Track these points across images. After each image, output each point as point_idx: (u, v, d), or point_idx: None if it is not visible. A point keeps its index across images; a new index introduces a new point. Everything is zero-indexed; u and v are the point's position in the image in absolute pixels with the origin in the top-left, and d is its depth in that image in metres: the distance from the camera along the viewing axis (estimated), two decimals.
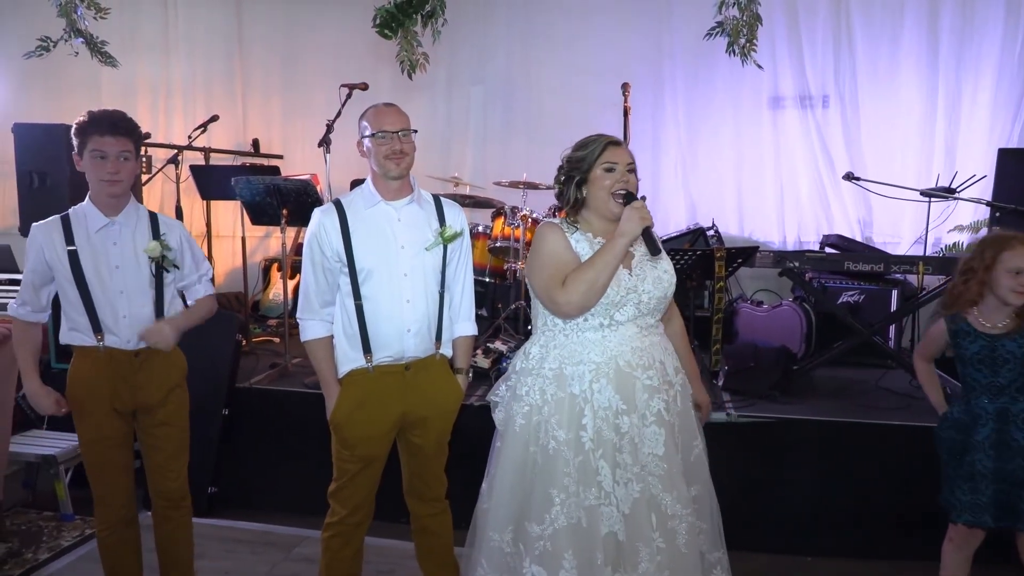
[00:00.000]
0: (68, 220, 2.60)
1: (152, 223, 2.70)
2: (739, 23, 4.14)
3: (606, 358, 2.27)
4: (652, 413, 2.27)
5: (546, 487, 2.25)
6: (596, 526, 2.21)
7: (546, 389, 2.30)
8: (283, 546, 3.58)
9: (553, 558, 2.22)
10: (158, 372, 2.69)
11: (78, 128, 2.57)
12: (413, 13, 3.85)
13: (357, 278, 2.45)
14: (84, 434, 2.67)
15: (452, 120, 6.57)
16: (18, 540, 3.59)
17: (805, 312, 4.62)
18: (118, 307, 2.60)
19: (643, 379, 2.28)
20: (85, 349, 2.62)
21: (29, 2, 6.22)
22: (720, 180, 6.09)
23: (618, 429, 2.24)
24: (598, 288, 2.23)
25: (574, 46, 6.22)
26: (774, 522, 3.52)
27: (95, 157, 2.56)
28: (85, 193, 2.67)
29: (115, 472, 2.67)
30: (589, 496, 2.22)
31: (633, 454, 2.24)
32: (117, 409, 2.64)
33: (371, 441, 2.51)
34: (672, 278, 2.38)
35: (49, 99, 6.88)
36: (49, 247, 2.56)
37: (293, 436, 3.92)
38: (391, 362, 2.49)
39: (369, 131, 2.45)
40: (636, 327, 2.31)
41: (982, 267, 2.59)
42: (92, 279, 2.57)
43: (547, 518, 2.23)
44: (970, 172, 4.75)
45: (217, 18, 6.89)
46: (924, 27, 5.61)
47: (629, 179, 2.32)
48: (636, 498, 2.22)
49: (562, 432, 2.25)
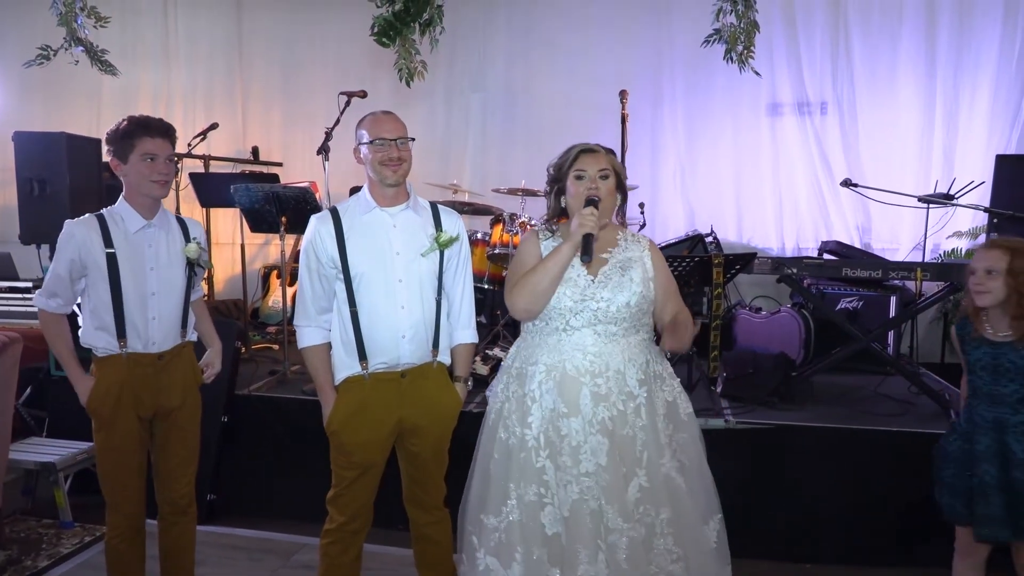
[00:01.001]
0: (104, 221, 2.61)
1: (180, 224, 2.76)
2: (736, 30, 4.16)
3: (556, 361, 2.36)
4: (597, 421, 2.30)
5: (503, 481, 2.35)
6: (535, 523, 2.29)
7: (509, 385, 2.43)
8: (282, 553, 3.58)
9: (507, 550, 2.31)
10: (179, 374, 2.73)
11: (124, 131, 2.58)
12: (411, 22, 3.88)
13: (352, 284, 2.46)
14: (104, 442, 2.65)
15: (451, 128, 6.59)
16: (17, 547, 3.59)
17: (804, 318, 4.62)
18: (149, 309, 2.62)
19: (590, 386, 2.32)
20: (107, 359, 2.62)
21: (30, 11, 6.25)
22: (719, 187, 6.11)
23: (559, 431, 2.31)
24: (540, 292, 2.33)
25: (573, 54, 6.25)
26: (774, 529, 3.52)
27: (145, 159, 2.58)
28: (87, 201, 2.69)
29: (131, 478, 2.68)
30: (529, 493, 2.31)
31: (573, 457, 2.29)
32: (139, 416, 2.66)
33: (367, 447, 2.51)
34: (639, 288, 2.38)
35: (49, 107, 6.90)
36: (87, 245, 2.57)
37: (292, 443, 3.92)
38: (386, 369, 2.49)
39: (366, 138, 2.47)
40: (594, 333, 2.36)
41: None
42: (127, 281, 2.59)
43: (503, 511, 2.34)
44: (968, 178, 4.76)
45: (217, 27, 6.93)
46: (922, 34, 5.63)
47: (599, 186, 2.37)
48: (575, 499, 2.27)
49: (517, 428, 2.36)
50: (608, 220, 2.45)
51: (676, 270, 3.84)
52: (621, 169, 2.47)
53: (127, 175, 2.61)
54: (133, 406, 2.63)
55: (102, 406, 2.62)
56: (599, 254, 2.41)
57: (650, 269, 2.44)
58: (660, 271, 2.48)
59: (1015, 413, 2.49)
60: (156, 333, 2.64)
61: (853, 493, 3.49)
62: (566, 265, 2.34)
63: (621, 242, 2.48)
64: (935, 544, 3.40)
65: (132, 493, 2.68)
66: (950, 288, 3.95)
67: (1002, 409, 2.51)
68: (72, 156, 4.65)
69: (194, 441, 2.82)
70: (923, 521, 3.40)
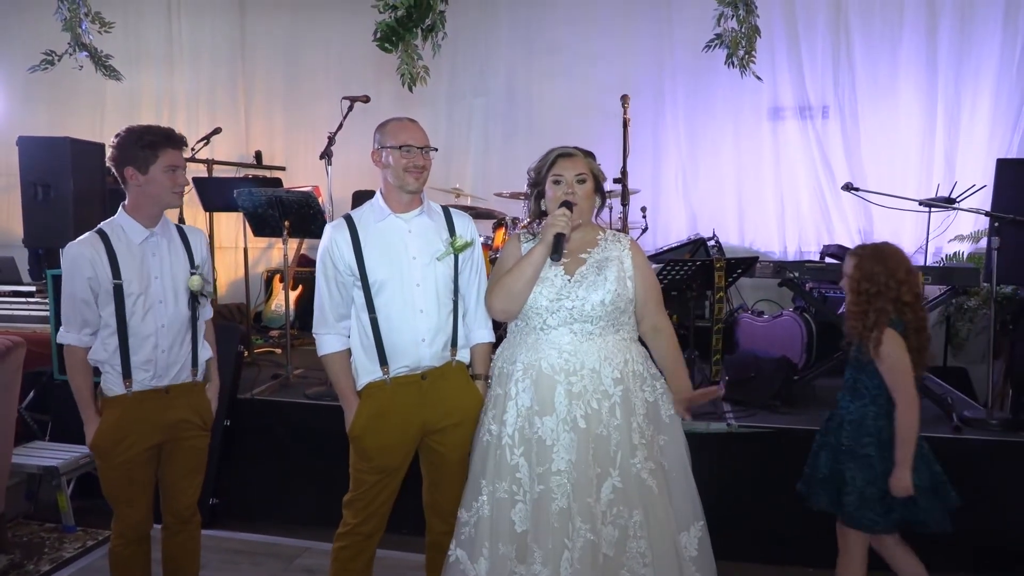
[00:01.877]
0: (107, 236, 2.54)
1: (180, 234, 2.71)
2: (738, 35, 4.17)
3: (532, 359, 2.40)
4: (570, 419, 2.33)
5: (478, 477, 2.41)
6: (505, 519, 2.34)
7: (492, 386, 2.49)
8: (285, 557, 3.58)
9: (475, 544, 2.37)
10: (187, 406, 2.69)
11: (148, 142, 2.53)
12: (413, 27, 3.88)
13: (370, 290, 2.47)
14: (106, 468, 2.60)
15: (453, 132, 6.62)
16: (20, 552, 3.59)
17: (806, 322, 4.62)
18: (155, 320, 2.57)
19: (565, 384, 2.35)
20: (114, 400, 2.57)
21: (34, 16, 6.29)
22: (720, 190, 6.12)
23: (533, 429, 2.35)
24: (515, 293, 2.40)
25: (574, 58, 6.28)
26: (776, 533, 3.51)
27: (168, 170, 2.57)
28: (90, 205, 2.67)
29: (138, 490, 2.65)
30: (500, 490, 2.36)
31: (542, 455, 2.33)
32: (145, 447, 2.61)
33: (390, 451, 2.50)
34: (613, 287, 2.41)
35: (53, 112, 6.94)
36: (98, 262, 2.50)
37: (295, 447, 3.92)
38: (407, 372, 2.50)
39: (392, 143, 2.46)
40: (570, 332, 2.40)
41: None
42: (131, 299, 2.53)
43: (474, 506, 2.40)
44: (969, 182, 4.77)
45: (220, 32, 6.96)
46: (923, 38, 5.65)
47: (576, 190, 2.41)
48: (538, 499, 2.31)
49: (495, 426, 2.43)
50: (586, 221, 2.49)
51: (678, 274, 3.85)
52: (600, 172, 2.50)
53: (145, 185, 2.56)
54: (140, 442, 2.59)
55: (104, 443, 2.56)
56: (578, 254, 2.46)
57: (629, 268, 2.47)
58: (641, 270, 2.50)
59: (851, 402, 2.69)
60: (162, 356, 2.58)
61: None
62: (539, 266, 2.38)
63: (601, 242, 2.51)
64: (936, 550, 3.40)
65: (138, 506, 2.65)
66: (952, 292, 3.95)
67: (842, 397, 2.75)
68: (76, 161, 4.67)
69: (201, 455, 2.79)
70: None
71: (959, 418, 3.62)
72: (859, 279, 2.63)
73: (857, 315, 2.62)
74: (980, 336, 5.26)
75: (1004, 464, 3.40)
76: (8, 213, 7.08)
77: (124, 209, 2.62)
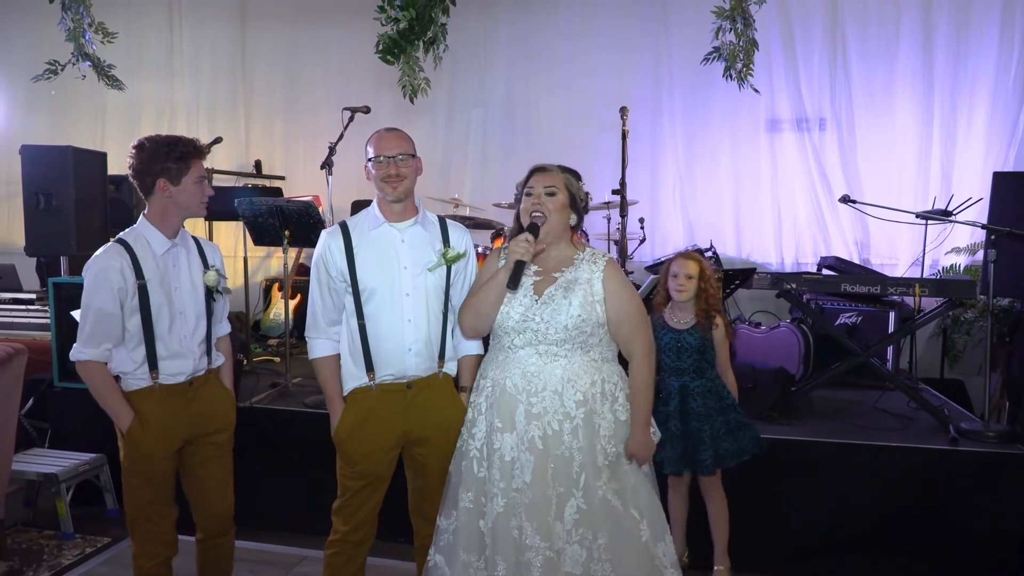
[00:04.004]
0: (129, 246, 2.54)
1: (196, 245, 2.73)
2: (736, 48, 4.21)
3: (499, 377, 2.43)
4: (527, 440, 2.36)
5: (456, 487, 2.48)
6: (473, 528, 2.40)
7: (471, 398, 2.55)
8: (283, 565, 3.58)
9: (453, 551, 2.44)
10: (210, 401, 2.71)
11: (181, 154, 2.54)
12: (415, 40, 3.92)
13: (360, 298, 2.50)
14: (137, 476, 2.59)
15: (452, 142, 6.65)
16: (19, 559, 3.59)
17: (803, 333, 4.63)
18: (177, 328, 2.59)
19: (525, 404, 2.37)
20: (140, 392, 2.57)
21: (36, 26, 6.32)
22: (718, 202, 6.15)
23: (492, 444, 2.40)
24: (482, 313, 2.44)
25: (573, 70, 6.31)
26: (771, 544, 3.52)
27: (199, 181, 2.60)
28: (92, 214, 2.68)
29: (165, 506, 2.66)
30: (465, 499, 2.42)
31: (503, 471, 2.36)
32: (172, 449, 2.63)
33: (373, 458, 2.54)
34: (578, 311, 2.36)
35: (54, 121, 6.97)
36: (125, 272, 2.50)
37: (293, 456, 3.93)
38: (393, 380, 2.53)
39: (371, 155, 2.52)
40: (536, 353, 2.40)
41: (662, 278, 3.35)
42: (157, 305, 2.54)
43: (453, 514, 2.47)
44: (966, 195, 4.80)
45: (221, 42, 7.00)
46: (919, 51, 5.69)
47: (544, 203, 2.43)
48: (499, 512, 2.34)
49: (468, 437, 2.50)
50: (558, 237, 2.48)
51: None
52: (576, 187, 2.49)
53: (176, 196, 2.56)
54: (171, 438, 2.61)
55: (139, 442, 2.55)
56: (552, 273, 2.45)
57: (599, 291, 2.40)
58: (615, 294, 2.42)
59: (693, 380, 3.22)
60: (186, 356, 2.61)
61: (852, 508, 3.49)
62: (502, 288, 2.38)
63: (577, 262, 2.46)
64: (933, 559, 3.41)
65: (168, 523, 2.66)
66: (949, 304, 3.98)
67: (684, 379, 3.22)
68: (78, 169, 4.69)
69: (229, 458, 2.82)
70: (922, 536, 3.42)
71: (956, 430, 3.64)
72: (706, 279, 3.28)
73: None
74: (977, 348, 5.28)
75: (1001, 476, 3.41)
76: (9, 221, 7.10)
77: (147, 219, 2.60)
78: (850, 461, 3.54)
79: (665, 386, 3.25)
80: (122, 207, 5.33)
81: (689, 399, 3.21)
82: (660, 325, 3.28)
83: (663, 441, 2.97)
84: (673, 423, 3.19)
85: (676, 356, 3.24)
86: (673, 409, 3.21)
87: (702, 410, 3.19)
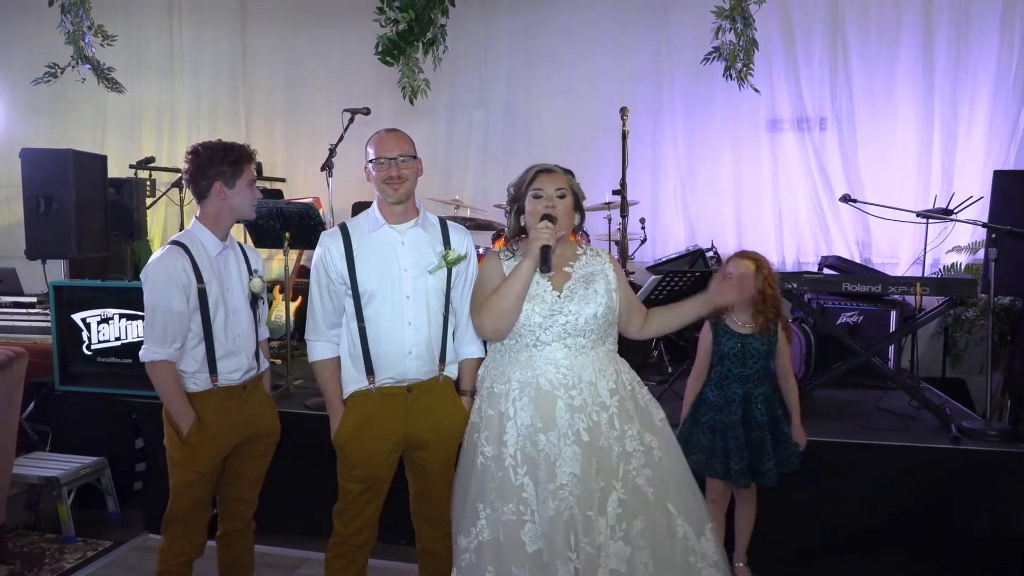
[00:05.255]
0: (187, 249, 2.60)
1: (240, 249, 2.80)
2: (736, 48, 4.22)
3: (528, 377, 2.38)
4: (572, 432, 2.32)
5: (474, 501, 2.37)
6: (514, 541, 2.28)
7: (480, 407, 2.46)
8: (285, 568, 3.58)
9: (476, 570, 2.33)
10: (259, 404, 2.79)
11: (235, 159, 2.63)
12: (414, 41, 3.92)
13: (360, 300, 2.49)
14: (186, 474, 2.64)
15: (453, 143, 6.66)
16: (20, 562, 3.59)
17: (804, 333, 4.62)
18: (232, 329, 2.66)
19: (565, 398, 2.35)
20: (200, 395, 2.63)
21: (36, 29, 6.32)
22: (719, 202, 6.15)
23: (536, 446, 2.33)
24: (505, 311, 2.37)
25: (574, 70, 6.32)
26: (773, 544, 3.51)
27: (250, 184, 2.69)
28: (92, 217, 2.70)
29: (205, 508, 2.73)
30: (507, 511, 2.31)
31: (549, 472, 2.30)
32: (221, 451, 2.69)
33: (373, 461, 2.53)
34: (604, 299, 2.42)
35: (54, 124, 6.97)
36: (188, 273, 2.56)
37: (295, 458, 3.90)
38: (393, 383, 2.52)
39: (370, 157, 2.52)
40: (564, 347, 2.39)
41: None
42: (215, 308, 2.61)
43: (472, 531, 2.36)
44: (967, 194, 4.79)
45: (222, 44, 7.01)
46: (919, 50, 5.69)
47: (556, 204, 2.42)
48: (552, 516, 2.27)
49: (489, 448, 2.38)
50: (566, 234, 2.50)
51: (677, 285, 3.87)
52: (579, 189, 2.52)
53: (230, 199, 2.64)
54: (223, 442, 2.67)
55: (200, 442, 2.60)
56: (562, 268, 2.46)
57: (613, 280, 2.49)
58: (621, 281, 2.54)
59: (757, 387, 3.09)
60: (240, 353, 2.68)
61: (853, 508, 3.49)
62: (528, 281, 2.38)
63: (582, 256, 2.53)
64: (935, 558, 3.41)
65: (202, 523, 2.73)
66: (950, 303, 3.97)
67: (748, 385, 3.08)
68: (78, 172, 4.68)
69: (268, 463, 2.89)
70: (924, 536, 3.41)
71: (958, 429, 3.63)
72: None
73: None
74: (978, 347, 5.28)
75: (1003, 475, 3.40)
76: (10, 224, 7.10)
77: (200, 221, 2.68)
78: (852, 460, 3.53)
79: (729, 393, 3.11)
80: (122, 210, 5.32)
81: (752, 407, 3.09)
82: (723, 330, 3.13)
83: (728, 451, 3.04)
84: (738, 432, 3.06)
85: (741, 362, 3.09)
86: (737, 418, 3.08)
87: (764, 419, 3.07)
